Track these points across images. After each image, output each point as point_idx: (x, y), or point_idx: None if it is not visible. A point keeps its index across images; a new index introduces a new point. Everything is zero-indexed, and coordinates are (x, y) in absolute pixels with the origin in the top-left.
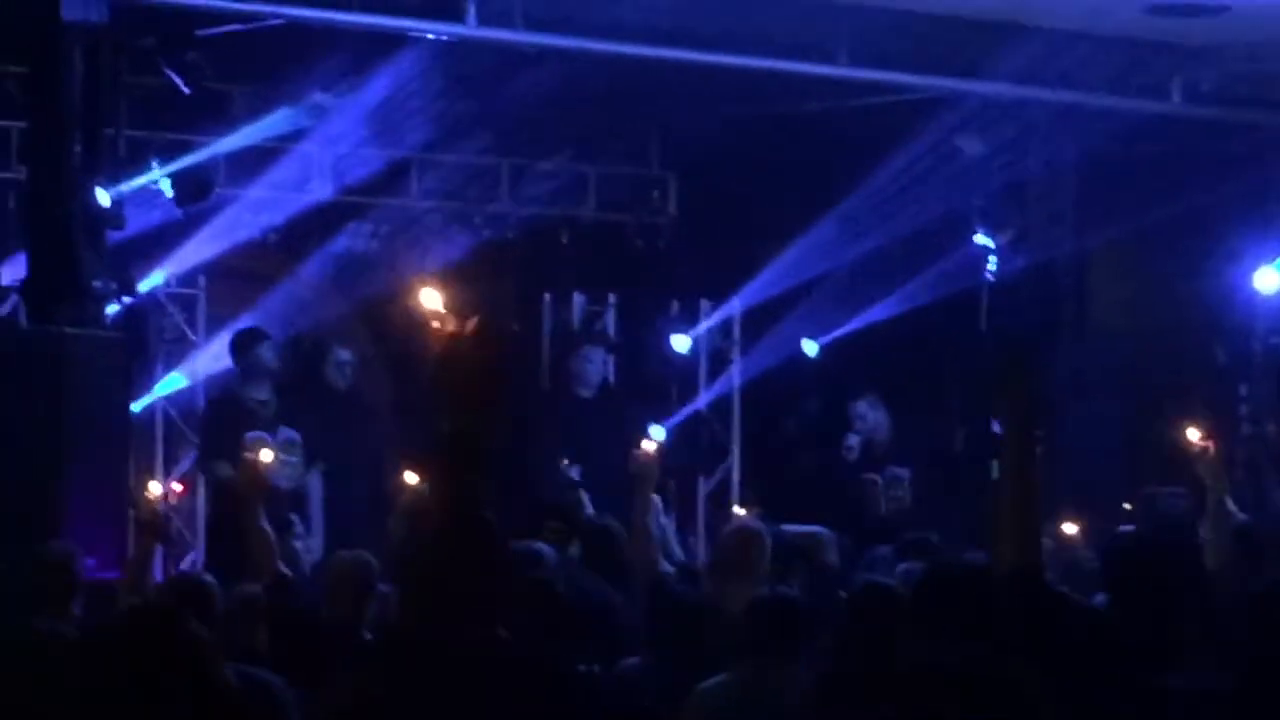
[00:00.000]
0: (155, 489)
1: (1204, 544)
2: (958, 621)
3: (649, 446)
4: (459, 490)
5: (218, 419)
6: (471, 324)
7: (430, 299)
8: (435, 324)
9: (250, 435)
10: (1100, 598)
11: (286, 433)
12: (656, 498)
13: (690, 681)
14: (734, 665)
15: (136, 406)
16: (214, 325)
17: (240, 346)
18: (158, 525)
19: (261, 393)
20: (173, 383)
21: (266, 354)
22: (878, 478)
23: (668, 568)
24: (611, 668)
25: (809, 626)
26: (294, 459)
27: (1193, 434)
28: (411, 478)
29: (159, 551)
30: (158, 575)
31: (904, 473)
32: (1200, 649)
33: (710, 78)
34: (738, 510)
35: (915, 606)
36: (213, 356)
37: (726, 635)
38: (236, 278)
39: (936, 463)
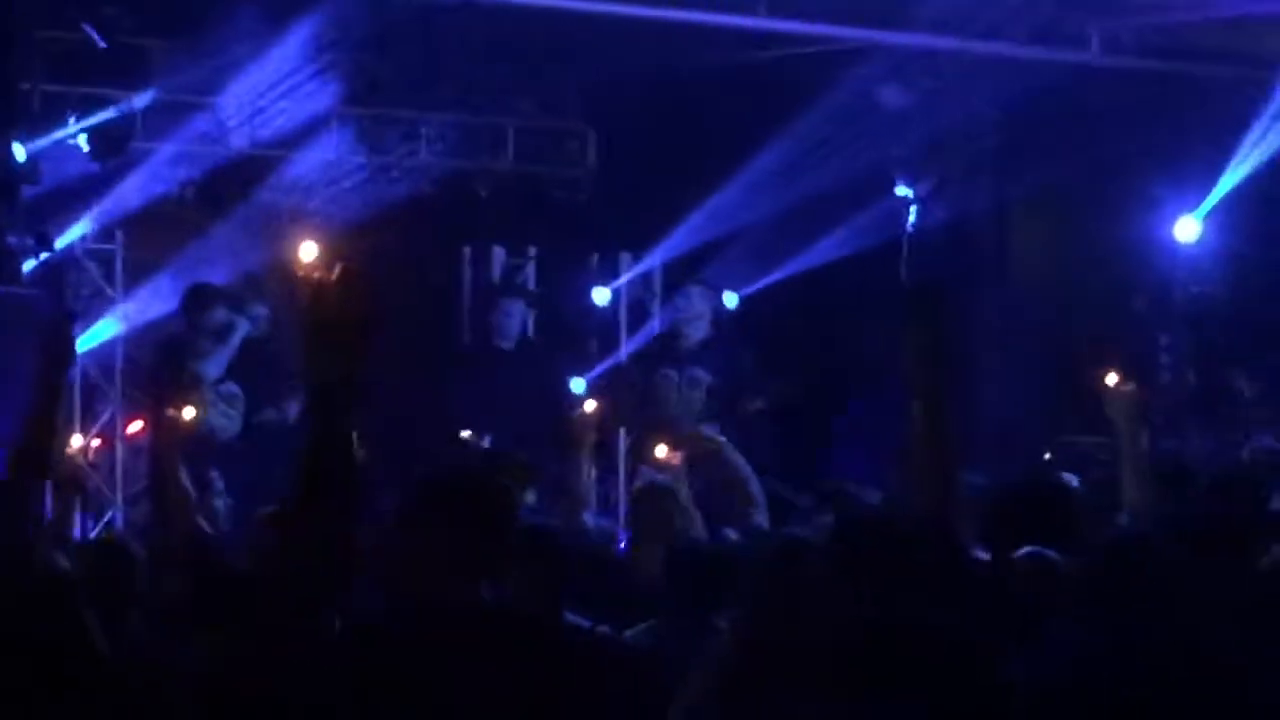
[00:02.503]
0: (75, 442)
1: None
2: (871, 574)
3: (588, 408)
4: (328, 442)
5: (167, 364)
6: (336, 272)
7: (308, 251)
8: (305, 274)
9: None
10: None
11: (229, 386)
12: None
13: None
14: (655, 616)
15: None
16: (132, 280)
17: (194, 305)
18: (78, 480)
19: (208, 344)
20: (102, 331)
21: (220, 315)
22: (674, 373)
23: (590, 523)
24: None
25: (728, 578)
26: (234, 412)
27: (1110, 378)
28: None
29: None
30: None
31: (704, 375)
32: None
33: (629, 29)
34: (659, 452)
35: (829, 558)
36: (132, 311)
37: (646, 594)
38: (154, 232)
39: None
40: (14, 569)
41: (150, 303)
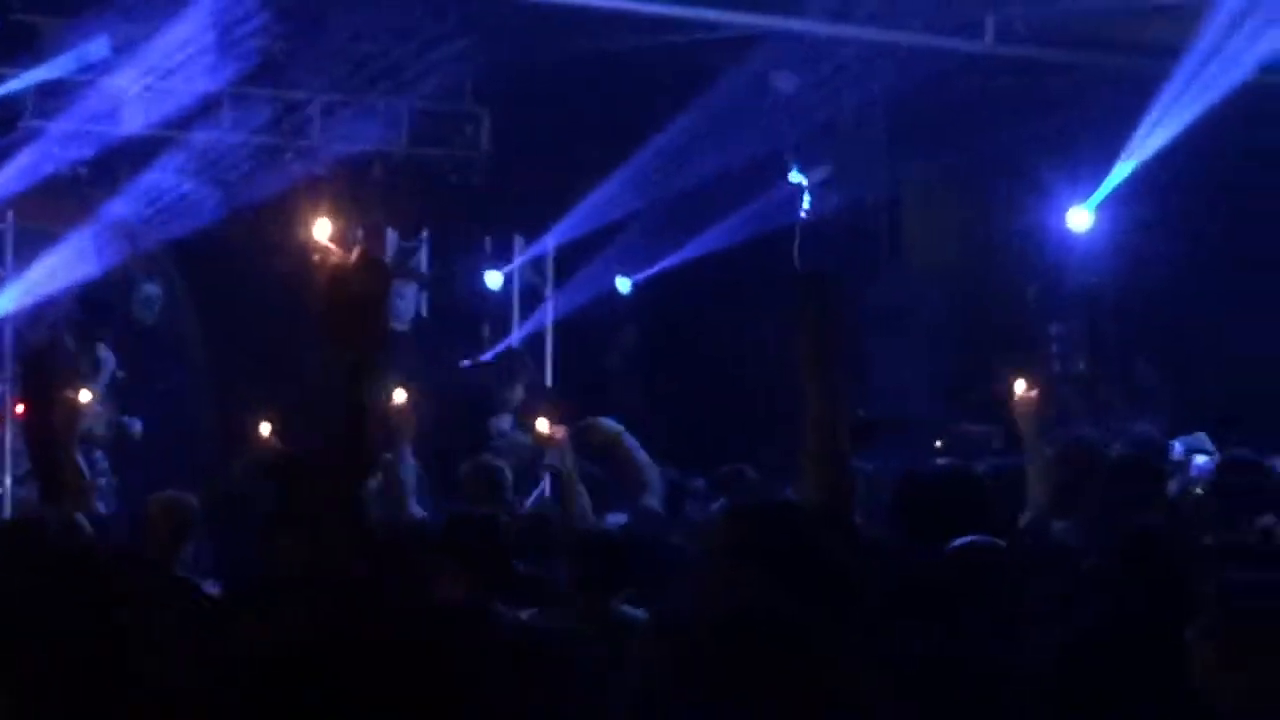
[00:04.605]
0: None
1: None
2: (761, 562)
3: (399, 398)
4: (354, 419)
5: (39, 360)
6: (356, 254)
7: (322, 230)
8: (320, 255)
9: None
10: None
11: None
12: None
13: None
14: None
15: None
16: (21, 259)
17: (71, 333)
18: None
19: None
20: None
21: (95, 352)
22: None
23: (419, 512)
24: None
25: (620, 561)
26: (101, 409)
27: (1020, 385)
28: (265, 428)
29: None
30: None
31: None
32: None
33: (524, 12)
34: (542, 426)
35: (720, 544)
36: (21, 291)
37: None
38: (46, 210)
39: (750, 399)
40: None
41: (41, 282)
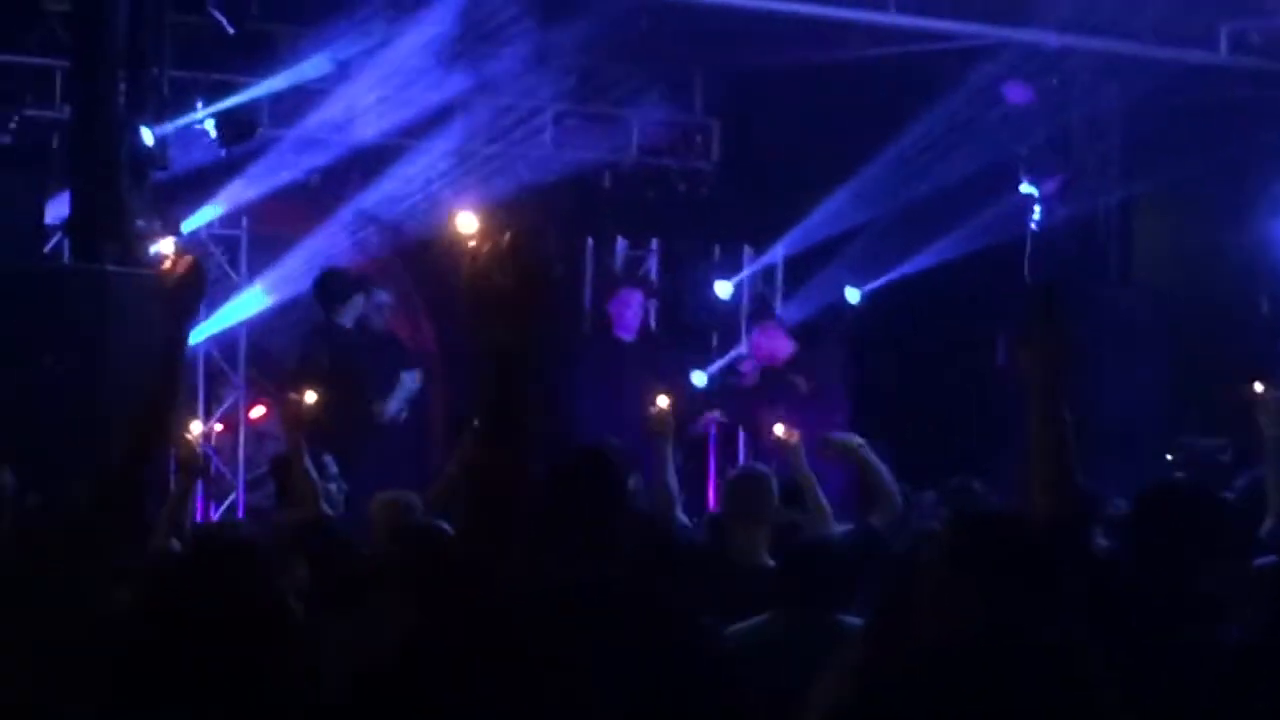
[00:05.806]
0: (195, 427)
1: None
2: (982, 574)
3: (663, 403)
4: (504, 411)
5: (324, 347)
6: (506, 238)
7: (466, 223)
8: (469, 245)
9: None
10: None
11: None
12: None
13: None
14: (769, 611)
15: None
16: (256, 266)
17: (335, 290)
18: (196, 463)
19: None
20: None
21: (359, 306)
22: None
23: (684, 520)
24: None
25: (849, 575)
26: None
27: (1258, 386)
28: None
29: (199, 491)
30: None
31: None
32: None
33: (755, 23)
34: (778, 430)
35: (941, 555)
36: (255, 296)
37: (737, 582)
38: (279, 217)
39: (978, 412)
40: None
41: (274, 288)
